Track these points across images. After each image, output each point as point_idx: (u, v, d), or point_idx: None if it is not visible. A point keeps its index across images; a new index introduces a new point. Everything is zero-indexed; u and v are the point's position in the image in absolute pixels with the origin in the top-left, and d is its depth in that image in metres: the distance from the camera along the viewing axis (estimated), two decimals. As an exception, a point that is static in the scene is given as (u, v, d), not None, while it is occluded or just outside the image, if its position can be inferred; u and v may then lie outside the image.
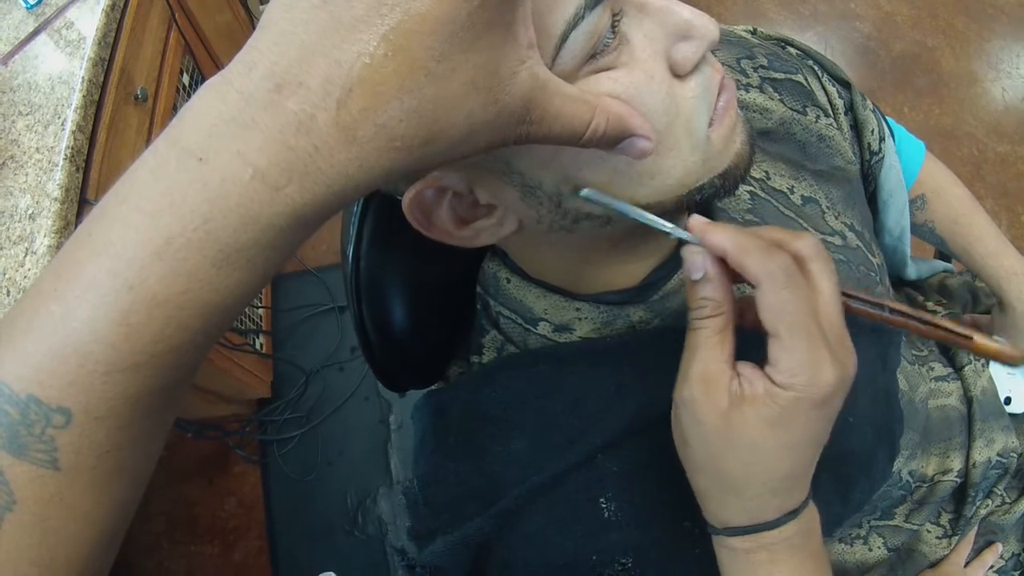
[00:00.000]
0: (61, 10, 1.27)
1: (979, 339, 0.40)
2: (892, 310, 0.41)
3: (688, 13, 0.38)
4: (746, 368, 0.40)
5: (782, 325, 0.38)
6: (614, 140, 0.35)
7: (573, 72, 0.36)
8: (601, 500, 0.48)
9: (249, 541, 1.66)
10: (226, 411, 1.73)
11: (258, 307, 1.80)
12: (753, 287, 0.39)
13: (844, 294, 0.41)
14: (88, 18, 1.25)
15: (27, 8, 1.31)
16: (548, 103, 0.31)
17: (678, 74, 0.39)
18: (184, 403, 1.55)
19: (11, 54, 1.24)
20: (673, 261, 0.52)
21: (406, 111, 0.27)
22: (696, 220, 0.40)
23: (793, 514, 0.43)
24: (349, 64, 0.26)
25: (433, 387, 0.66)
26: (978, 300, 0.93)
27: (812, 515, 0.45)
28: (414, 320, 0.62)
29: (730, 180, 0.44)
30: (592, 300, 0.52)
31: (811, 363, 0.38)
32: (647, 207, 0.42)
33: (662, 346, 0.51)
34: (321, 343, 1.88)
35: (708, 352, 0.40)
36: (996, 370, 0.87)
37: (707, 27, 0.38)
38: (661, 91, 0.38)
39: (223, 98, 0.28)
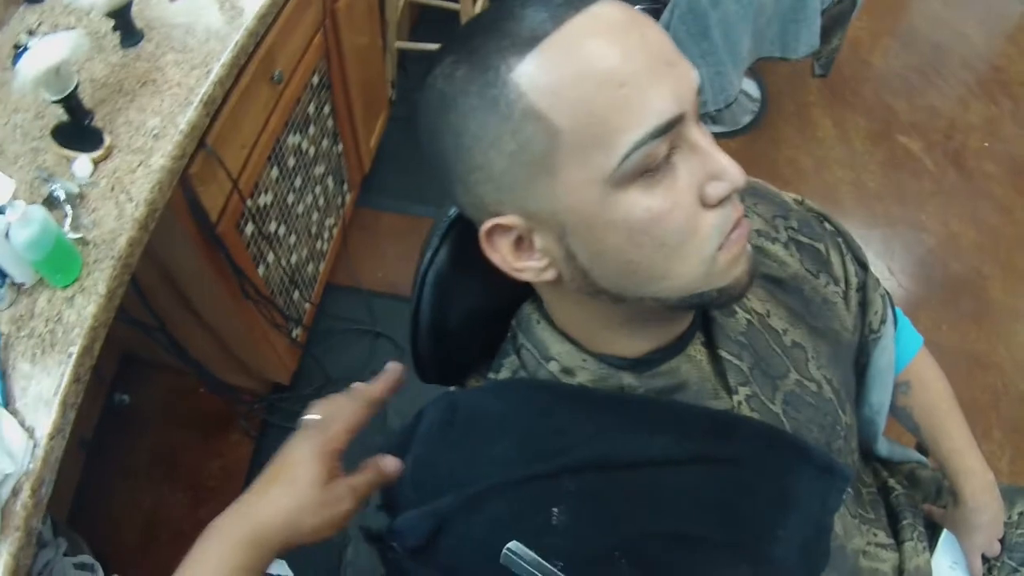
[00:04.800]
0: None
1: None
2: None
3: (725, 160, 0.51)
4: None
5: None
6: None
7: (627, 180, 0.49)
8: (554, 509, 0.58)
9: (220, 506, 1.73)
10: (244, 382, 1.84)
11: (307, 302, 1.92)
12: None
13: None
14: (255, -6, 1.36)
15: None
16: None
17: (705, 204, 0.52)
18: (210, 358, 1.67)
19: (180, -4, 1.36)
20: (670, 348, 0.64)
21: None
22: None
23: None
24: None
25: (451, 388, 0.78)
26: (941, 495, 0.99)
27: None
28: (461, 326, 0.74)
29: (726, 296, 0.56)
30: (597, 358, 0.63)
31: None
32: (655, 300, 0.55)
33: (640, 410, 0.62)
34: (350, 357, 1.99)
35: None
36: (939, 561, 0.93)
37: (737, 175, 0.51)
38: (682, 216, 0.51)
39: None
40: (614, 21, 0.49)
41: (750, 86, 2.80)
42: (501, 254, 0.56)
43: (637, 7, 0.52)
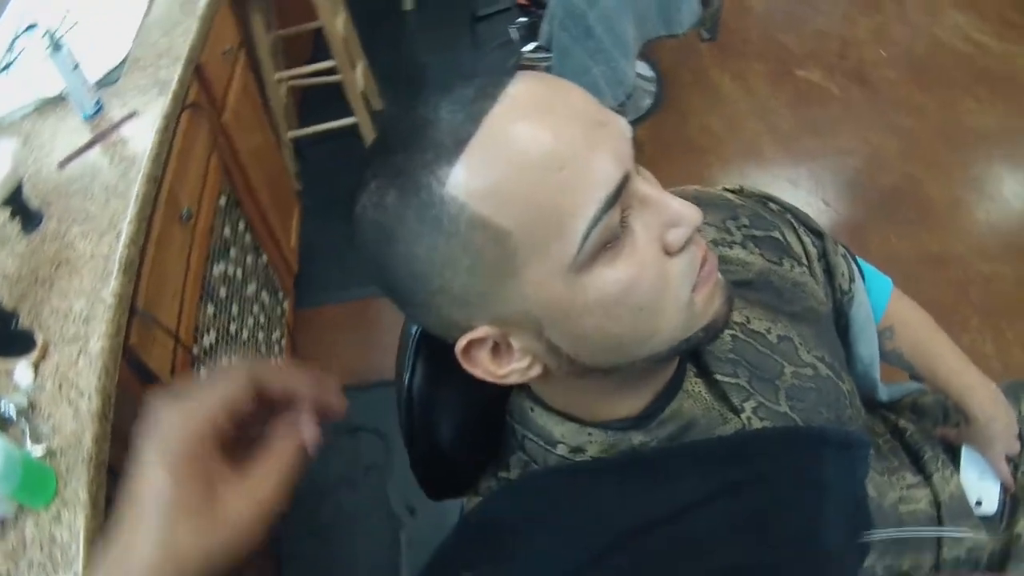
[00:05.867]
0: (116, 126, 1.37)
1: None
2: None
3: (678, 205, 0.50)
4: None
5: None
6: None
7: (590, 260, 0.48)
8: None
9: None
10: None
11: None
12: None
13: None
14: (141, 136, 1.34)
15: (83, 118, 1.40)
16: None
17: (669, 252, 0.51)
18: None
19: (68, 160, 1.33)
20: (665, 396, 0.63)
21: None
22: None
23: None
24: None
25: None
26: (948, 416, 1.02)
27: None
28: (456, 439, 0.72)
29: (711, 331, 0.55)
30: (601, 427, 0.62)
31: None
32: (647, 360, 0.54)
33: (656, 463, 0.62)
34: (334, 461, 1.94)
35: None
36: (966, 476, 0.95)
37: (692, 216, 0.50)
38: (652, 275, 0.50)
39: None
40: (534, 98, 0.48)
41: (643, 67, 2.83)
42: (482, 367, 0.54)
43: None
